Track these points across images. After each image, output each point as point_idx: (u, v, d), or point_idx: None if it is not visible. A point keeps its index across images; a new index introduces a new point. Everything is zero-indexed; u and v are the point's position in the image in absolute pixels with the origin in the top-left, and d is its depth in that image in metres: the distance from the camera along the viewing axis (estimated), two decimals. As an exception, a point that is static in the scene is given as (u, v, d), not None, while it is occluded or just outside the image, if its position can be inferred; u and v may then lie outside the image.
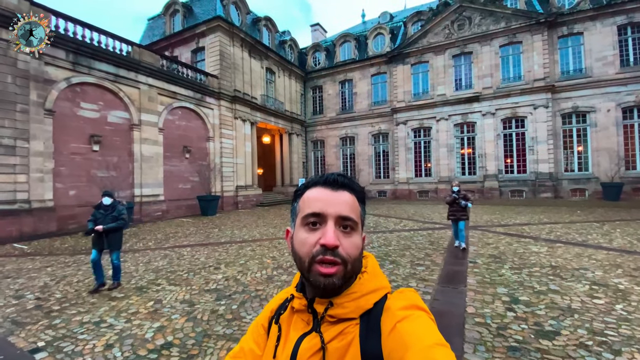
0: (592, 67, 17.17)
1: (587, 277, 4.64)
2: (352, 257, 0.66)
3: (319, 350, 0.64)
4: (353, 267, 0.66)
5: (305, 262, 0.66)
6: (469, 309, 3.60)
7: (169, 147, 14.33)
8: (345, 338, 0.64)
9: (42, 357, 2.87)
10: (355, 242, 0.67)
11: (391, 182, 22.29)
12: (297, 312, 0.73)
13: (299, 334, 0.69)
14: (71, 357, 2.86)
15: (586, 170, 17.26)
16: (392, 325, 0.60)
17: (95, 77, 11.57)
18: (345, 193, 0.70)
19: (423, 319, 0.60)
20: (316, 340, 0.66)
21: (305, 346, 0.66)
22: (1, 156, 9.28)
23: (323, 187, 0.71)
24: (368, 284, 0.69)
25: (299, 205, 0.73)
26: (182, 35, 18.56)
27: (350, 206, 0.69)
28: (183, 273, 5.37)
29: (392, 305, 0.65)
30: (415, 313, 0.61)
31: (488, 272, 4.96)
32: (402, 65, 21.75)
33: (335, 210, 0.67)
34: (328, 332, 0.66)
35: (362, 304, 0.66)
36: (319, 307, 0.68)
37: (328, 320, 0.67)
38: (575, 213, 11.58)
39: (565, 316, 3.38)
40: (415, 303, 0.64)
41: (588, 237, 7.47)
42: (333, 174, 0.73)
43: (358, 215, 0.71)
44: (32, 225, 9.70)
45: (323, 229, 0.66)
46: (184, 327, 3.35)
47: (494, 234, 8.05)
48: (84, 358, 2.83)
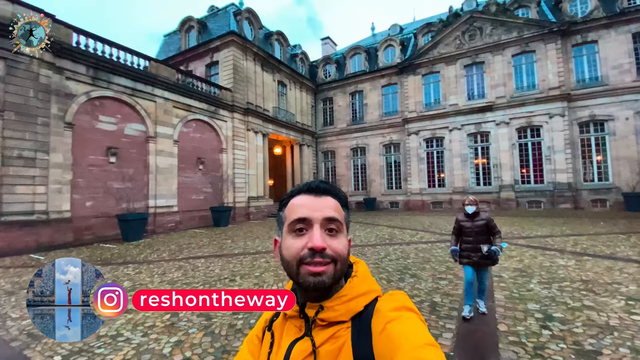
0: (608, 75, 16.82)
1: (622, 291, 4.37)
2: (341, 256, 0.68)
3: (310, 354, 0.65)
4: (342, 266, 0.68)
5: (293, 266, 0.67)
6: (501, 327, 3.40)
7: (183, 158, 14.51)
8: (337, 341, 0.64)
9: (59, 372, 2.80)
10: (342, 242, 0.69)
11: (404, 193, 22.01)
12: (289, 318, 0.74)
13: (292, 339, 0.70)
14: (89, 372, 2.78)
15: (606, 180, 16.69)
16: (382, 327, 0.60)
17: (114, 91, 11.88)
18: (328, 198, 0.73)
19: (412, 320, 0.61)
20: (307, 344, 0.66)
21: (297, 350, 0.67)
22: (21, 168, 9.51)
23: (307, 194, 0.74)
24: (358, 287, 0.70)
25: (285, 213, 0.75)
26: (196, 50, 19.07)
27: (335, 209, 0.72)
28: (198, 285, 5.29)
29: (382, 307, 0.65)
30: (405, 314, 0.62)
31: (515, 286, 4.72)
32: (413, 76, 21.76)
33: (320, 214, 0.69)
34: (319, 336, 0.66)
35: (352, 307, 0.67)
36: (310, 312, 0.69)
37: (319, 324, 0.68)
38: (598, 224, 11.12)
39: (605, 334, 3.16)
40: (405, 304, 0.65)
41: (616, 249, 7.12)
42: (315, 181, 0.76)
43: (342, 218, 0.73)
44: (49, 236, 9.83)
45: (310, 233, 0.68)
46: (202, 342, 3.25)
47: (516, 247, 7.74)
48: (102, 374, 2.75)
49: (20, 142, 9.49)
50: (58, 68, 10.40)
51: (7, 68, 9.33)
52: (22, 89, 9.58)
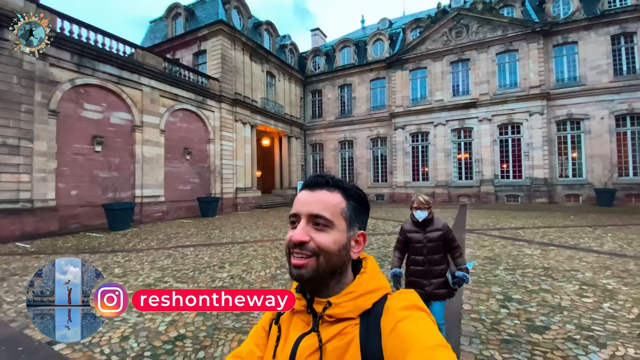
0: (587, 76, 17.56)
1: (578, 277, 4.85)
2: (324, 250, 0.68)
3: (316, 350, 0.65)
4: (327, 260, 0.68)
5: (287, 256, 0.71)
6: (465, 306, 3.80)
7: (170, 148, 14.47)
8: (344, 338, 0.65)
9: (61, 347, 3.01)
10: (329, 237, 0.69)
11: (389, 186, 22.54)
12: (297, 312, 0.75)
13: (299, 334, 0.71)
14: (89, 347, 3.01)
15: (580, 177, 17.59)
16: (393, 325, 0.60)
17: (99, 79, 11.72)
18: (322, 192, 0.73)
19: (423, 320, 0.61)
20: (314, 339, 0.67)
21: (304, 346, 0.67)
22: (5, 156, 9.38)
23: (305, 188, 0.77)
24: (367, 284, 0.70)
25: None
26: (184, 38, 18.77)
27: (324, 204, 0.71)
28: (189, 271, 5.52)
29: (392, 305, 0.65)
30: (416, 313, 0.62)
31: (483, 272, 5.16)
32: (400, 71, 22.09)
33: (306, 210, 0.71)
34: (326, 332, 0.67)
35: (360, 304, 0.67)
36: (317, 308, 0.70)
37: (327, 320, 0.68)
38: (568, 218, 11.84)
39: (555, 313, 3.58)
40: (416, 303, 0.65)
41: (580, 240, 7.71)
42: (315, 175, 0.77)
43: (336, 212, 0.72)
44: (34, 224, 9.79)
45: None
46: (195, 321, 3.51)
47: (489, 237, 8.27)
48: (102, 348, 2.98)
49: (4, 130, 9.34)
50: (42, 54, 10.07)
51: (-12, 54, 9.12)
52: (6, 75, 9.40)
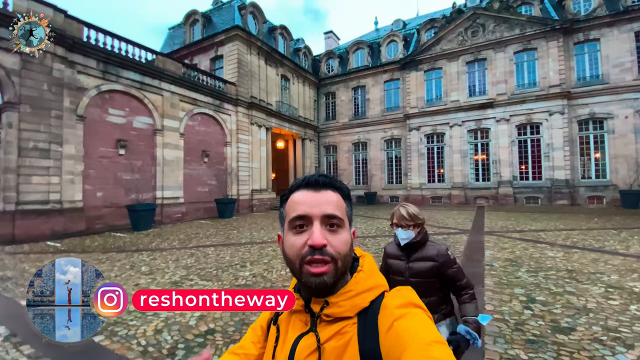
0: (609, 74, 17.02)
1: (603, 280, 4.76)
2: (341, 254, 0.67)
3: (315, 350, 0.65)
4: (344, 263, 0.67)
5: (296, 264, 0.67)
6: (488, 307, 3.80)
7: (189, 151, 14.87)
8: (343, 337, 0.64)
9: (101, 339, 3.20)
10: (343, 238, 0.68)
11: (404, 188, 22.39)
12: (295, 312, 0.74)
13: (297, 334, 0.70)
14: (127, 339, 3.19)
15: (604, 178, 17.03)
16: (390, 324, 0.60)
17: (123, 85, 12.20)
18: (328, 192, 0.72)
19: (420, 317, 0.61)
20: (313, 339, 0.66)
21: (302, 346, 0.67)
22: (37, 159, 9.90)
23: (306, 189, 0.72)
24: (364, 282, 0.69)
25: (285, 209, 0.74)
26: (201, 44, 19.28)
27: (335, 204, 0.70)
28: (212, 270, 5.70)
29: (389, 303, 0.65)
30: (413, 311, 0.62)
31: (505, 274, 5.12)
32: (415, 72, 21.96)
33: (319, 211, 0.68)
34: (325, 332, 0.66)
35: (357, 302, 0.67)
36: (315, 307, 0.69)
37: (325, 320, 0.68)
38: (592, 220, 11.49)
39: (581, 315, 3.54)
40: (412, 301, 0.65)
41: (605, 243, 7.50)
42: (314, 175, 0.75)
43: (344, 212, 0.71)
44: (63, 224, 10.26)
45: (309, 230, 0.67)
46: (223, 316, 3.65)
47: (509, 239, 8.15)
48: (138, 340, 3.16)
49: (35, 134, 9.86)
50: (70, 62, 10.71)
51: (22, 62, 9.64)
52: (37, 83, 9.91)
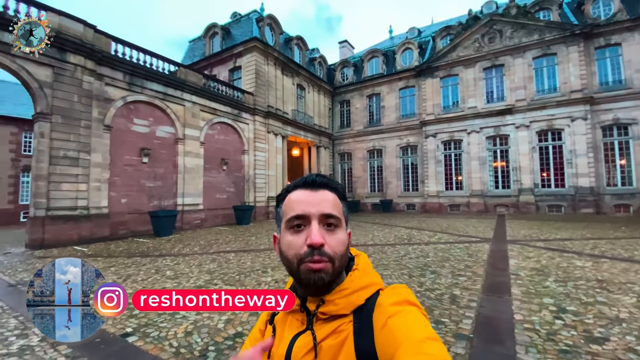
0: (632, 78, 16.52)
1: (635, 290, 4.58)
2: (338, 254, 0.68)
3: (311, 349, 0.65)
4: (341, 263, 0.69)
5: (294, 264, 0.68)
6: (517, 316, 3.72)
7: (209, 159, 15.24)
8: (339, 336, 0.65)
9: (134, 340, 3.32)
10: (340, 238, 0.69)
11: (420, 195, 22.13)
12: (291, 312, 0.74)
13: (294, 333, 0.70)
14: (159, 340, 3.29)
15: (630, 185, 16.37)
16: (384, 321, 0.60)
17: (147, 96, 12.69)
18: (325, 192, 0.73)
19: (414, 314, 0.61)
20: (309, 338, 0.67)
21: (299, 345, 0.67)
22: (67, 167, 10.37)
23: (303, 189, 0.73)
24: (359, 280, 0.70)
25: (282, 209, 0.74)
26: (220, 55, 19.89)
27: (332, 204, 0.71)
28: (234, 275, 5.80)
29: (384, 301, 0.65)
30: (407, 308, 0.62)
31: (532, 283, 4.99)
32: (431, 79, 21.89)
33: (317, 210, 0.69)
34: (321, 330, 0.67)
35: (353, 300, 0.67)
36: (311, 306, 0.70)
37: (321, 318, 0.68)
38: (619, 229, 11.05)
39: (614, 325, 3.43)
40: (407, 298, 0.65)
41: (635, 253, 7.20)
42: (312, 175, 0.76)
43: (341, 212, 0.73)
44: (90, 230, 10.65)
45: (308, 230, 0.68)
46: (250, 320, 3.72)
47: (534, 248, 7.93)
48: (170, 342, 3.25)
49: (66, 144, 10.35)
50: (99, 75, 11.25)
51: (54, 75, 10.20)
52: (68, 95, 10.44)
